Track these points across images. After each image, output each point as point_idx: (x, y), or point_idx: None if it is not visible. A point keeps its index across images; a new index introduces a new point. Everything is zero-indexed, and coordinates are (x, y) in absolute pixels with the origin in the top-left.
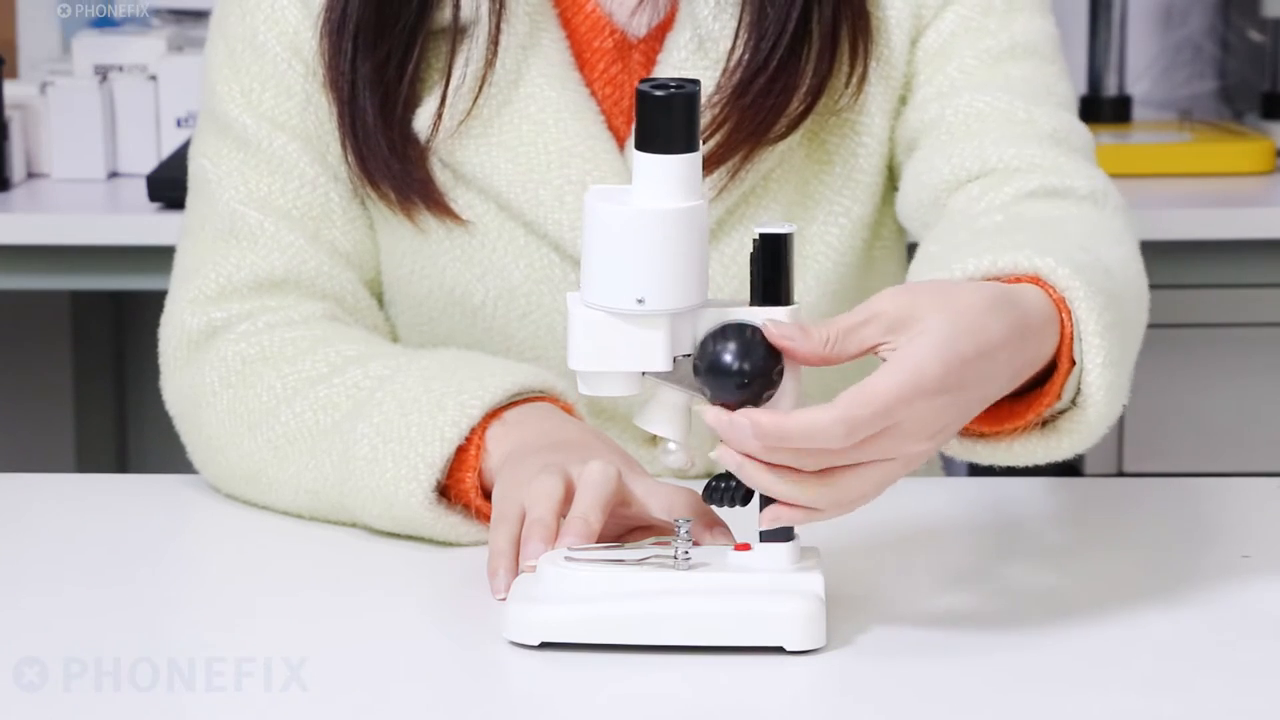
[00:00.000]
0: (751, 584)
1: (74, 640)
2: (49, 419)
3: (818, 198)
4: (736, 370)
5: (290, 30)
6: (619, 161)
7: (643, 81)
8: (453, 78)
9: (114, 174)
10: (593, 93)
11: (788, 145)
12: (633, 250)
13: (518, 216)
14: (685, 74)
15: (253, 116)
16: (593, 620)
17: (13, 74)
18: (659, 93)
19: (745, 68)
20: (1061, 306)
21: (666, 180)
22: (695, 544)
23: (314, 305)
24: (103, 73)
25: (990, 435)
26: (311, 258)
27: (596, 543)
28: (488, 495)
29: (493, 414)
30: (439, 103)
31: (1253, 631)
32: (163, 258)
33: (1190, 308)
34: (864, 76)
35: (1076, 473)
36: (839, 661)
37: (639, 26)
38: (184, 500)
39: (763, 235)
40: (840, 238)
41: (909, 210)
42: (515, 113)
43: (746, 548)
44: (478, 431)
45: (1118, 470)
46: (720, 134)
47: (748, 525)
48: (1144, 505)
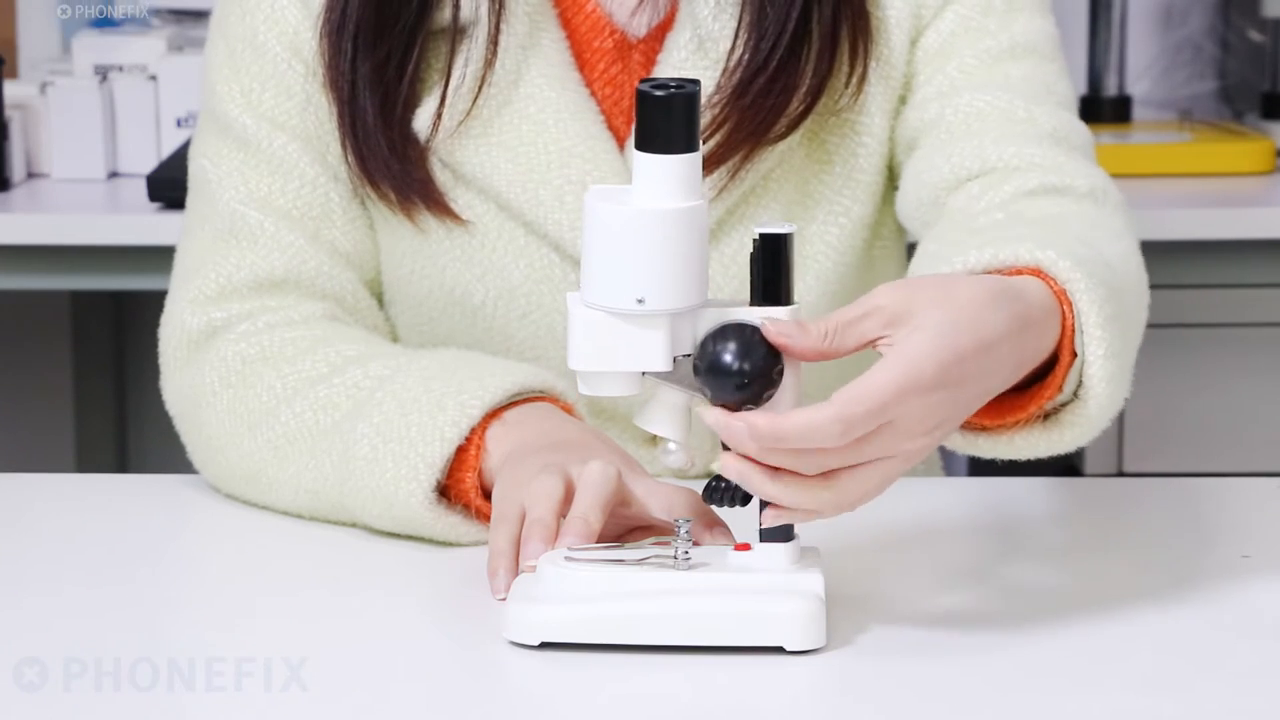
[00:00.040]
0: (751, 584)
1: (74, 640)
2: (49, 419)
3: (817, 197)
4: (736, 370)
5: (290, 30)
6: (619, 161)
7: (643, 81)
8: (452, 78)
9: (114, 174)
10: (592, 93)
11: (787, 145)
12: (633, 250)
13: (518, 216)
14: (685, 74)
15: (253, 117)
16: (593, 620)
17: (13, 74)
18: (659, 93)
19: (745, 68)
20: (1063, 299)
21: (666, 180)
22: (695, 544)
23: (314, 305)
24: (103, 73)
25: (992, 428)
26: (311, 258)
27: (596, 543)
28: (488, 495)
29: (493, 414)
30: (439, 103)
31: (1252, 631)
32: (163, 258)
33: (1190, 308)
34: (864, 76)
35: (1076, 473)
36: (839, 661)
37: (639, 26)
38: (184, 500)
39: (763, 235)
40: (840, 237)
41: (909, 210)
42: (515, 113)
43: (746, 548)
44: (478, 431)
45: (1118, 470)
46: (720, 134)
47: (748, 525)
48: (1144, 505)
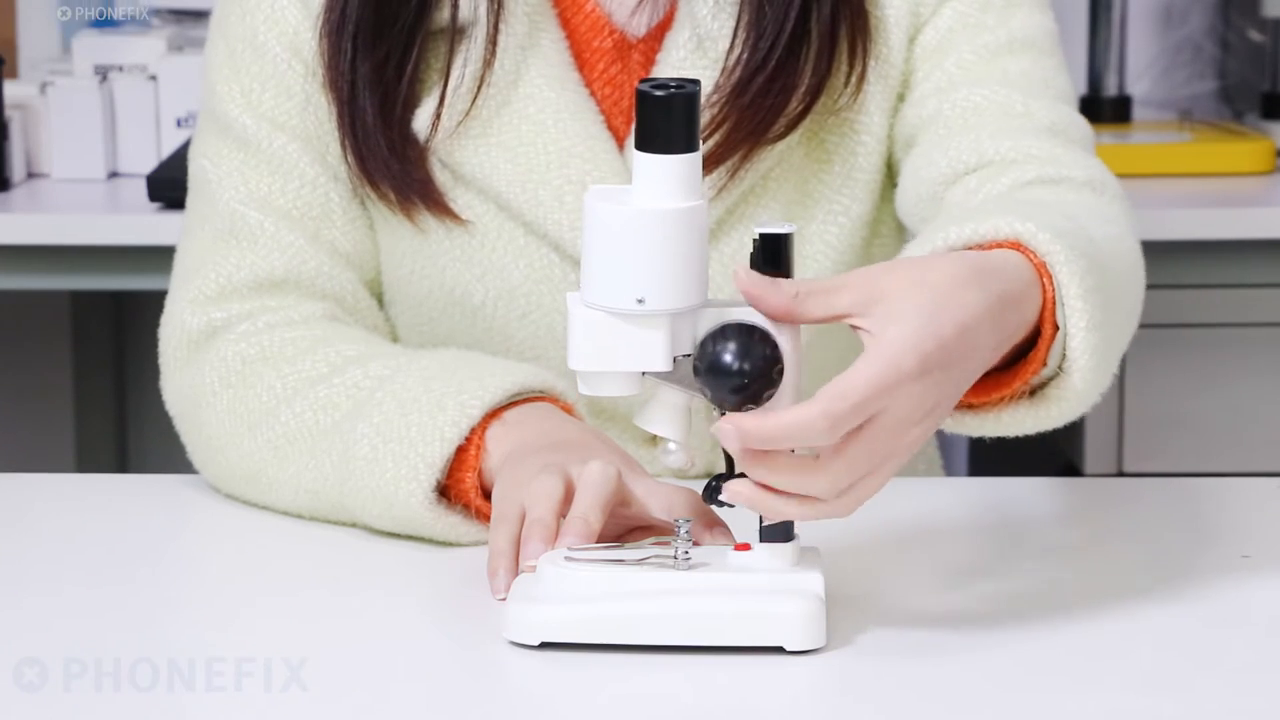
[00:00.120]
0: (751, 584)
1: (74, 640)
2: (49, 419)
3: (817, 197)
4: (736, 370)
5: (290, 31)
6: (618, 161)
7: (643, 81)
8: (451, 78)
9: (114, 174)
10: (592, 93)
11: (787, 145)
12: (633, 250)
13: (517, 217)
14: (684, 73)
15: (253, 117)
16: (593, 620)
17: (13, 74)
18: (659, 93)
19: (744, 67)
20: (1043, 272)
21: (666, 180)
22: (695, 544)
23: (314, 305)
24: (103, 73)
25: (978, 406)
26: (311, 258)
27: (596, 543)
28: (488, 495)
29: (493, 414)
30: (438, 103)
31: (1252, 631)
32: (163, 258)
33: (1190, 308)
34: (863, 75)
35: (1076, 473)
36: (839, 661)
37: (638, 26)
38: (184, 500)
39: (763, 235)
40: (839, 236)
41: (908, 206)
42: (514, 113)
43: (746, 548)
44: (478, 431)
45: (1118, 470)
46: (719, 133)
47: (748, 525)
48: (1144, 505)
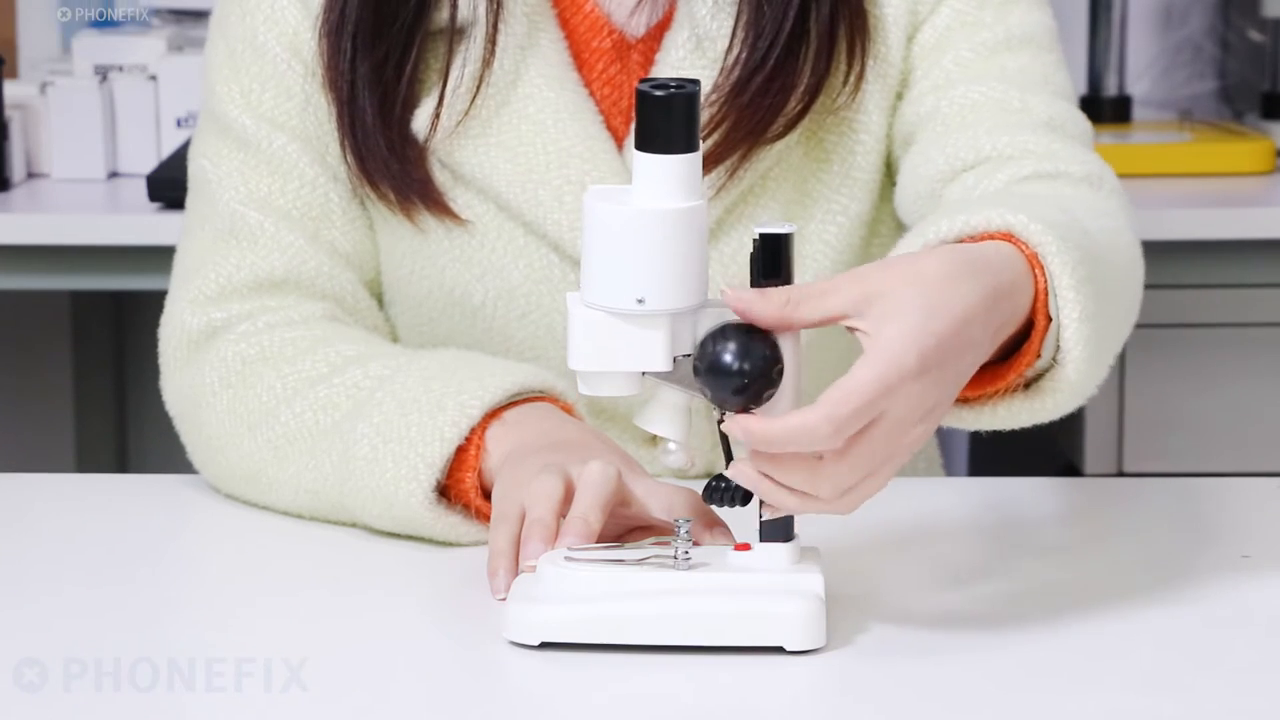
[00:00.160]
0: (751, 584)
1: (74, 640)
2: (49, 419)
3: (816, 196)
4: (736, 370)
5: (290, 31)
6: (618, 161)
7: (642, 81)
8: (450, 78)
9: (114, 174)
10: (591, 93)
11: (785, 144)
12: (633, 250)
13: (517, 217)
14: (683, 73)
15: (252, 117)
16: (593, 620)
17: (13, 74)
18: (659, 93)
19: (743, 66)
20: (1035, 263)
21: (666, 180)
22: (695, 544)
23: (314, 305)
24: (103, 73)
25: (974, 400)
26: (311, 258)
27: (596, 543)
28: (487, 495)
29: (492, 414)
30: (437, 103)
31: (1253, 631)
32: (163, 258)
33: (1190, 308)
34: (861, 75)
35: (1076, 473)
36: (839, 661)
37: (637, 26)
38: (184, 500)
39: (763, 235)
40: (839, 236)
41: (906, 204)
42: (514, 113)
43: (746, 548)
44: (477, 431)
45: (1118, 470)
46: (718, 133)
47: (748, 525)
48: (1144, 505)
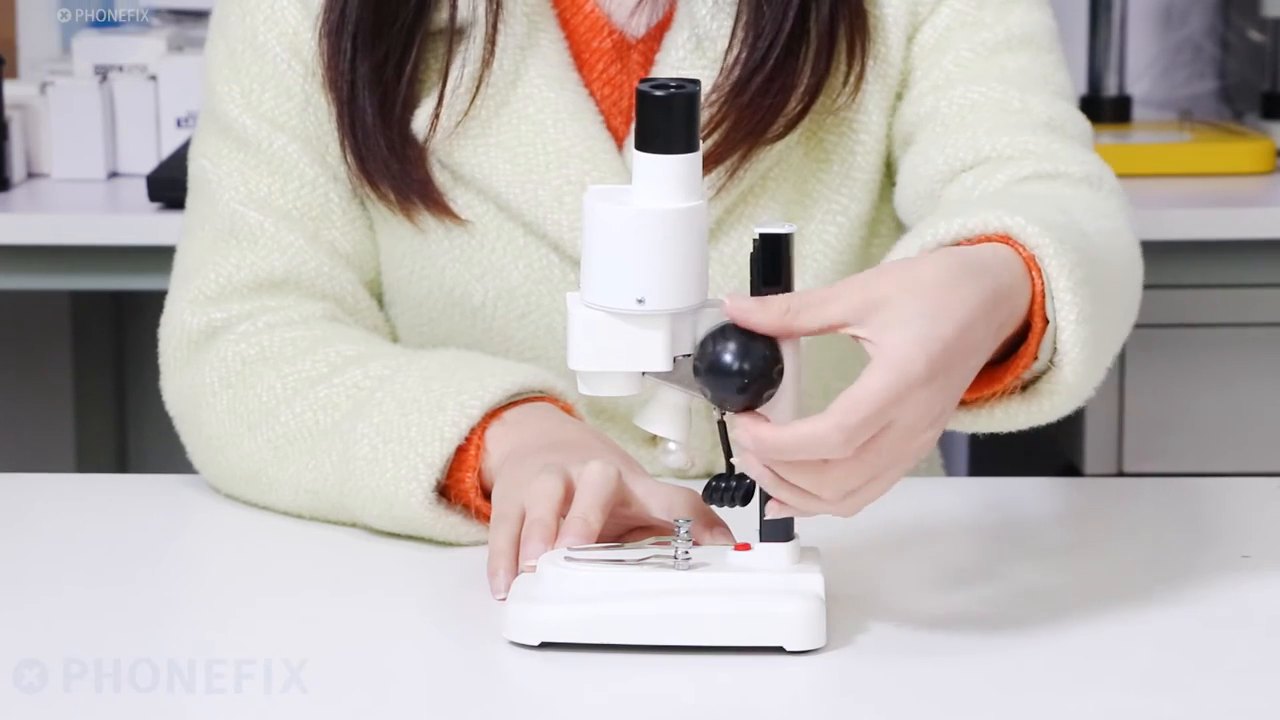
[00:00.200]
0: (751, 584)
1: (74, 641)
2: (49, 419)
3: (816, 196)
4: (736, 370)
5: (290, 31)
6: (618, 162)
7: (642, 81)
8: (450, 78)
9: (114, 174)
10: (591, 93)
11: (785, 144)
12: (633, 250)
13: (517, 217)
14: (683, 73)
15: (253, 117)
16: (593, 620)
17: (13, 74)
18: (659, 93)
19: (743, 67)
20: (1032, 265)
21: (666, 180)
22: (695, 544)
23: (314, 305)
24: (103, 73)
25: (972, 402)
26: (311, 258)
27: (596, 543)
28: (487, 495)
29: (492, 414)
30: (436, 103)
31: (1253, 631)
32: (163, 258)
33: (1190, 308)
34: (861, 75)
35: (1076, 473)
36: (839, 661)
37: (637, 27)
38: (184, 500)
39: (763, 235)
40: (839, 236)
41: (906, 204)
42: (514, 113)
43: (746, 548)
44: (477, 431)
45: (1118, 470)
46: (718, 133)
47: (748, 525)
48: (1144, 505)
